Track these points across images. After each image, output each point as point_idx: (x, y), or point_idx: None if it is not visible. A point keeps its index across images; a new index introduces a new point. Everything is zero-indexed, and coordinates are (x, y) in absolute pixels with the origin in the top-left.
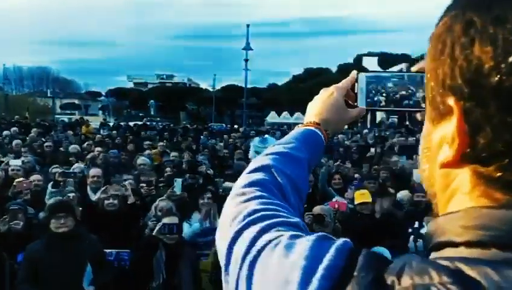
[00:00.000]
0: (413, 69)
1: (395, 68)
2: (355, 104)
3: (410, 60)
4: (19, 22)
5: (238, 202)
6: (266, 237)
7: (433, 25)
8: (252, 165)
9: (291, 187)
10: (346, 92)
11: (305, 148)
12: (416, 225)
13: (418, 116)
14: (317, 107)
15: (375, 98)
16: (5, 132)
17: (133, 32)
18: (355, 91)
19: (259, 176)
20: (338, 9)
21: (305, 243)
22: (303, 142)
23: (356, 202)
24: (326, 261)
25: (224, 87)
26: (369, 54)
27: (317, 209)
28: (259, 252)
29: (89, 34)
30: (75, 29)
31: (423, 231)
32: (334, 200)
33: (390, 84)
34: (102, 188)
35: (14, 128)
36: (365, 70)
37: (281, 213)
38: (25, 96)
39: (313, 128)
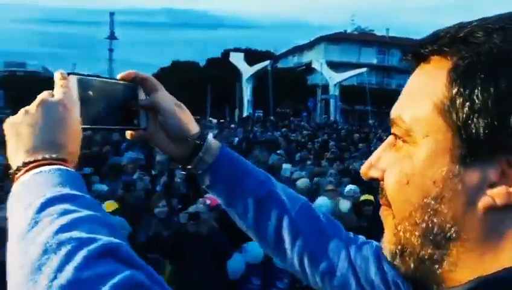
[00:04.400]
0: (119, 76)
1: (260, 65)
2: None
3: (274, 57)
4: None
5: None
6: None
7: (292, 25)
8: (63, 254)
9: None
10: None
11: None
12: None
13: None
14: (49, 131)
15: (89, 112)
16: None
17: None
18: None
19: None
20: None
21: None
22: (83, 192)
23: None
24: None
25: None
26: (236, 50)
27: (192, 208)
28: None
29: None
30: None
31: None
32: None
33: (103, 95)
34: None
35: None
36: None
37: None
38: None
39: (69, 169)
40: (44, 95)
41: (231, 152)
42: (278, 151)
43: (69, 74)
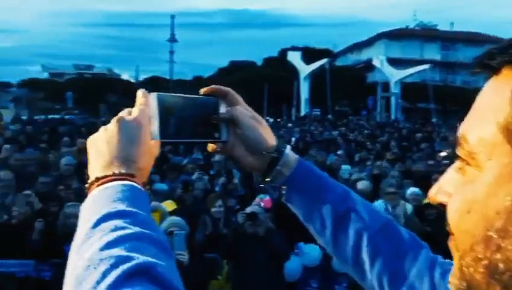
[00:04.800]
0: (202, 91)
1: (318, 63)
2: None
3: (332, 55)
4: None
5: None
6: None
7: (351, 22)
8: (102, 270)
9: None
10: None
11: (150, 219)
12: None
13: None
14: (123, 148)
15: (170, 127)
16: None
17: (46, 19)
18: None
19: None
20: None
21: None
22: (143, 210)
23: None
24: None
25: (148, 79)
26: (293, 48)
27: (249, 208)
28: None
29: None
30: None
31: None
32: (258, 199)
33: (184, 110)
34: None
35: None
36: (159, 90)
37: None
38: None
39: (135, 184)
40: (122, 113)
41: (309, 165)
42: (338, 152)
43: (150, 92)
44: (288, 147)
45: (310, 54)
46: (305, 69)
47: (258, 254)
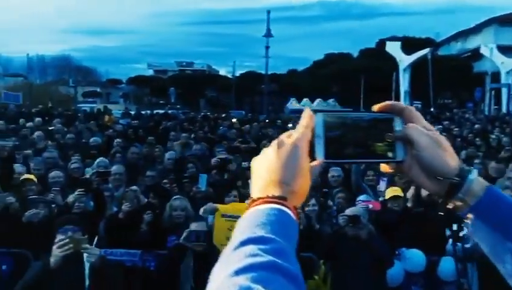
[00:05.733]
0: (376, 108)
1: (420, 53)
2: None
3: (435, 44)
4: (39, 11)
5: None
6: None
7: (456, 8)
8: None
9: None
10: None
11: (290, 248)
12: (455, 227)
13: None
14: (278, 171)
15: (337, 147)
16: (29, 123)
17: (149, 19)
18: (311, 138)
19: None
20: None
21: None
22: (283, 236)
23: (387, 197)
24: None
25: (243, 74)
26: (392, 38)
27: (351, 210)
28: None
29: (106, 22)
30: (93, 18)
31: (463, 233)
32: (363, 198)
33: (353, 128)
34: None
35: (38, 119)
36: (322, 108)
37: None
38: (48, 85)
39: (283, 208)
40: (282, 135)
41: (501, 195)
42: None
43: (316, 111)
44: (475, 172)
45: (410, 44)
46: (405, 60)
47: (361, 257)
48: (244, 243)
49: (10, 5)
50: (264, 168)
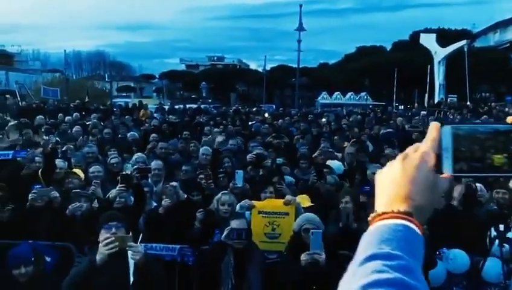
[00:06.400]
0: (510, 119)
1: (456, 45)
2: (438, 169)
3: (471, 36)
4: (76, 8)
5: None
6: None
7: None
8: None
9: None
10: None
11: (417, 265)
12: (502, 227)
13: None
14: (404, 185)
15: (464, 160)
16: (67, 118)
17: (181, 15)
18: (437, 151)
19: None
20: None
21: None
22: (409, 253)
23: None
24: None
25: (274, 68)
26: (427, 30)
27: None
28: None
29: (139, 18)
30: (126, 15)
31: (510, 235)
32: None
33: (482, 141)
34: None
35: (76, 114)
36: (447, 121)
37: None
38: (84, 80)
39: (409, 224)
40: (408, 149)
41: None
42: None
43: (443, 123)
44: None
45: (445, 36)
46: (440, 52)
47: None
48: (369, 258)
49: (48, 4)
50: (389, 182)
